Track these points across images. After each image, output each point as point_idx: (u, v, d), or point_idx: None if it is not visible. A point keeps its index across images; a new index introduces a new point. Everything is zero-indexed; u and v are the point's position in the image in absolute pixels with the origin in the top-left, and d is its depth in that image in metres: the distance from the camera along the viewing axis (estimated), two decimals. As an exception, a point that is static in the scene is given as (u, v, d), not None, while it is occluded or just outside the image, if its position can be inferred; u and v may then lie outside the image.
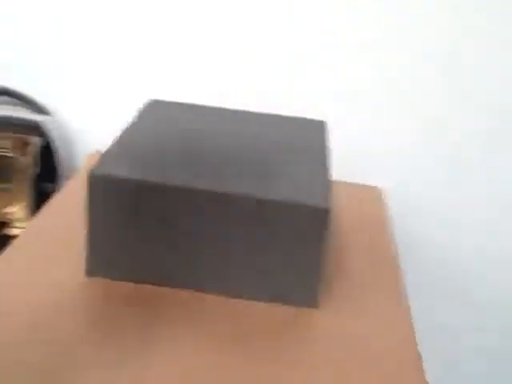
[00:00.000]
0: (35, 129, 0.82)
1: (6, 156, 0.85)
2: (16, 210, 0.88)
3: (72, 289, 0.54)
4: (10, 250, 0.58)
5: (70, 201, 0.69)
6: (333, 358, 0.50)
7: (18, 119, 0.83)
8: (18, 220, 0.88)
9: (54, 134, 0.83)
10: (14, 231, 0.87)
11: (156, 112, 0.69)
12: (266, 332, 0.52)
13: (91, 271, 0.56)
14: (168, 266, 0.55)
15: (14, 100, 0.92)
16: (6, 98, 0.93)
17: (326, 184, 0.57)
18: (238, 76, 0.85)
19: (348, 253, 0.66)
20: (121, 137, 0.62)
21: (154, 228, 0.54)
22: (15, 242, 0.60)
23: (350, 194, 0.80)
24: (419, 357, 0.51)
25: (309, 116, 0.85)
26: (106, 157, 0.57)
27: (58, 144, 0.82)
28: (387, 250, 0.68)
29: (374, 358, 0.51)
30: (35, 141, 0.82)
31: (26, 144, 0.84)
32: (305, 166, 0.61)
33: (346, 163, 0.86)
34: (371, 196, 0.80)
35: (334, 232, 0.70)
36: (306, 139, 0.67)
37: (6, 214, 0.88)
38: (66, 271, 0.56)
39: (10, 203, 0.87)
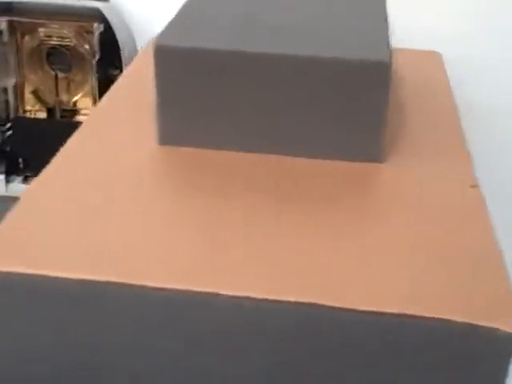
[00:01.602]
0: (96, 15, 0.84)
1: (68, 45, 0.87)
2: (81, 98, 0.91)
3: (146, 157, 0.57)
4: (79, 132, 0.61)
5: (134, 82, 0.70)
6: (395, 210, 0.52)
7: (77, 7, 0.84)
8: (84, 108, 0.91)
9: (114, 20, 0.84)
10: (82, 119, 0.90)
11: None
12: (333, 185, 0.54)
13: (163, 140, 0.58)
14: (237, 131, 0.57)
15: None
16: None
17: (386, 42, 0.58)
18: None
19: (408, 115, 0.67)
20: (183, 8, 0.63)
21: (223, 94, 0.56)
22: (84, 124, 0.62)
23: (409, 58, 0.80)
24: (483, 204, 0.52)
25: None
26: (171, 28, 0.59)
27: (118, 30, 0.84)
28: (450, 113, 0.68)
29: (436, 213, 0.52)
30: (96, 27, 0.84)
31: (87, 31, 0.86)
32: (365, 28, 0.61)
33: (405, 29, 0.85)
34: (431, 61, 0.80)
35: (394, 92, 0.71)
36: (365, 6, 0.68)
37: (72, 102, 0.91)
38: (138, 142, 0.59)
39: (74, 92, 0.90)
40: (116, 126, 0.61)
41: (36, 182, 0.53)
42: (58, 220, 0.49)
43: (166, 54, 0.56)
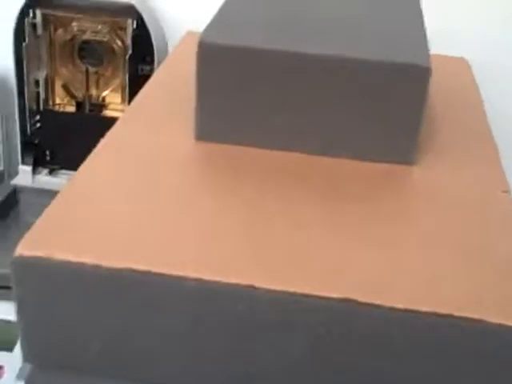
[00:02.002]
0: (129, 11, 0.85)
1: (100, 40, 0.88)
2: (110, 93, 0.92)
3: (183, 152, 0.58)
4: (118, 125, 0.62)
5: (171, 77, 0.72)
6: (431, 209, 0.53)
7: (111, 2, 0.85)
8: (113, 103, 0.92)
9: (148, 17, 0.85)
10: (110, 114, 0.91)
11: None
12: (364, 185, 0.55)
13: (201, 135, 0.59)
14: (275, 129, 0.58)
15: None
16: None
17: (425, 45, 0.59)
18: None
19: (439, 119, 0.68)
20: (224, 6, 0.64)
21: (262, 93, 0.57)
22: (123, 116, 0.63)
23: (437, 64, 0.81)
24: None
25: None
26: (214, 26, 0.60)
27: (151, 26, 0.85)
28: (480, 119, 0.69)
29: (467, 216, 0.53)
30: (129, 23, 0.85)
31: (120, 27, 0.87)
32: (404, 30, 0.62)
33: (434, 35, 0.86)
34: (459, 67, 0.81)
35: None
36: (402, 7, 0.69)
37: (101, 97, 0.92)
38: (175, 137, 0.60)
39: (104, 87, 0.91)
40: (154, 121, 0.62)
41: (77, 173, 0.54)
42: (97, 210, 0.50)
43: (209, 51, 0.57)
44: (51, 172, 0.93)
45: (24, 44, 0.86)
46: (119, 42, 0.87)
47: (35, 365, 0.49)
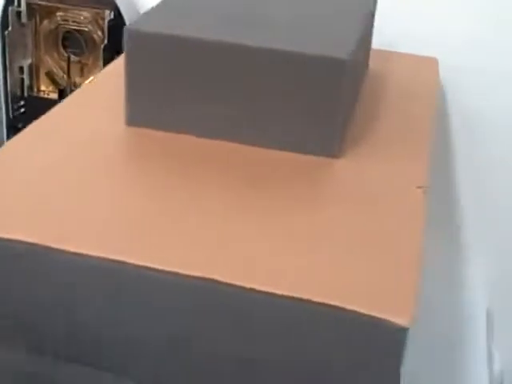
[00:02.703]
0: (109, 2, 0.87)
1: (82, 30, 0.91)
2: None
3: (113, 137, 0.60)
4: (56, 108, 0.64)
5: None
6: (341, 201, 0.53)
7: (91, -7, 0.88)
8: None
9: (125, 8, 0.87)
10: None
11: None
12: (282, 175, 0.56)
13: (131, 121, 0.61)
14: (200, 117, 0.59)
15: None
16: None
17: (355, 41, 0.59)
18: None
19: (383, 116, 0.68)
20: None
21: (189, 81, 0.58)
22: (65, 100, 0.66)
23: (404, 62, 0.81)
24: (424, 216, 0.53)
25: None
26: (145, 16, 0.61)
27: (127, 17, 0.87)
28: (426, 117, 0.69)
29: (374, 207, 0.53)
30: (107, 14, 0.87)
31: (102, 18, 0.89)
32: (342, 29, 0.63)
33: (401, 32, 0.85)
34: (425, 66, 0.80)
35: (372, 93, 0.72)
36: (353, 10, 0.69)
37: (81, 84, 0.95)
38: (108, 122, 0.62)
39: (86, 75, 0.94)
40: (92, 106, 0.64)
41: (6, 147, 0.57)
42: (20, 185, 0.52)
43: (136, 39, 0.58)
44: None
45: (7, 32, 0.89)
46: (99, 33, 0.90)
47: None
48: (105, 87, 0.68)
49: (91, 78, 0.91)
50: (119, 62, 0.74)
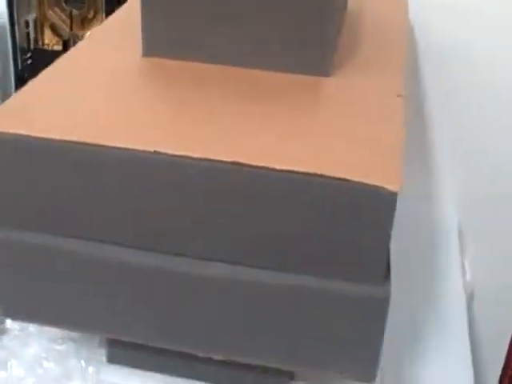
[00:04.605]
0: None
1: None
2: (94, 35, 1.03)
3: (128, 64, 0.69)
4: (72, 50, 0.73)
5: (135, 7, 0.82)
6: (334, 105, 0.63)
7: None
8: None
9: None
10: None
11: None
12: (284, 90, 0.66)
13: (147, 51, 0.70)
14: (211, 43, 0.68)
15: None
16: None
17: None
18: None
19: (362, 43, 0.78)
20: None
21: (198, 7, 0.67)
22: (77, 45, 0.75)
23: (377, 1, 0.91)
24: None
25: None
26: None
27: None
28: (398, 45, 0.79)
29: (360, 111, 0.63)
30: (106, -33, 0.96)
31: (102, -28, 0.98)
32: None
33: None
34: (396, 5, 0.91)
35: (351, 27, 0.81)
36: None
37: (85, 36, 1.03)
38: (125, 53, 0.70)
39: (87, 27, 1.02)
40: (110, 42, 0.73)
41: (36, 79, 0.66)
42: (54, 102, 0.61)
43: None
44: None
45: (13, -12, 0.97)
46: (100, -15, 0.98)
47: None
48: (113, 31, 0.77)
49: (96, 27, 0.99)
50: (124, 8, 0.84)
